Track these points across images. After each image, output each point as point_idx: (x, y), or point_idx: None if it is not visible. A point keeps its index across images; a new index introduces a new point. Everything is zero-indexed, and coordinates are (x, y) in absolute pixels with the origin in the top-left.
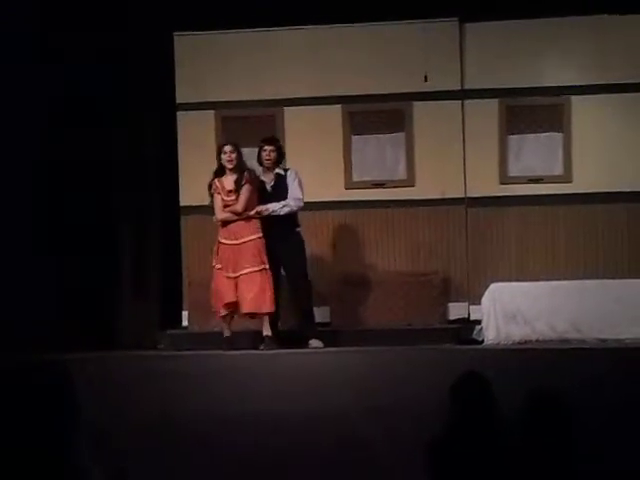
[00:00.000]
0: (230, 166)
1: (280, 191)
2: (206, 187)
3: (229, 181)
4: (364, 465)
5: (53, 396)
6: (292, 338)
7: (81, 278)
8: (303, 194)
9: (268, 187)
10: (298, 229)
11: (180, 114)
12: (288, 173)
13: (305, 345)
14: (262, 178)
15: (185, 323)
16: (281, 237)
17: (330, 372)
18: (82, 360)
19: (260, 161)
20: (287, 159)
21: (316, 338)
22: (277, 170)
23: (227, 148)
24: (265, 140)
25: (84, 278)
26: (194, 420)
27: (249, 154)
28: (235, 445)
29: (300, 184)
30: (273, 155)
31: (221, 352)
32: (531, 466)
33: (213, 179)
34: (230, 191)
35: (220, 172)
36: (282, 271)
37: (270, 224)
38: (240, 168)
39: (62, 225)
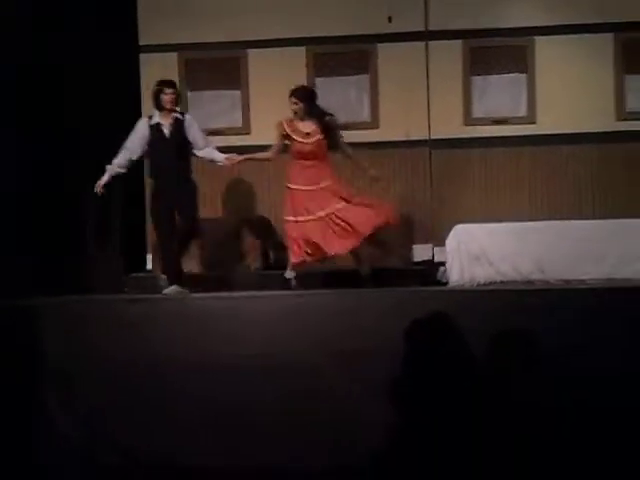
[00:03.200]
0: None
1: (177, 136)
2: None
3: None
4: (330, 407)
5: (19, 341)
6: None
7: (45, 222)
8: None
9: (166, 131)
10: (191, 174)
11: (143, 56)
12: (186, 118)
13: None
14: (159, 121)
15: (149, 266)
16: (176, 182)
17: (294, 315)
18: (47, 305)
19: (159, 104)
20: (252, 101)
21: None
22: (176, 114)
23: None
24: (165, 82)
25: (48, 222)
26: (161, 364)
27: (211, 97)
28: (199, 389)
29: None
30: (174, 98)
31: (187, 295)
32: (495, 404)
33: None
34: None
35: None
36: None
37: (164, 168)
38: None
39: (27, 178)
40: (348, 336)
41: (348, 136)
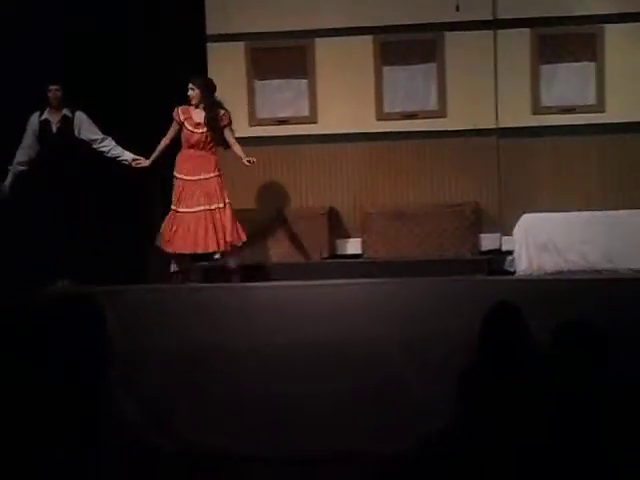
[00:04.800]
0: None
1: (65, 134)
2: (234, 118)
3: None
4: (396, 396)
5: (83, 328)
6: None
7: (112, 212)
8: None
9: (54, 128)
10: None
11: (210, 46)
12: (76, 115)
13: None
14: (47, 118)
15: (217, 256)
16: (62, 181)
17: (361, 304)
18: (113, 293)
19: (47, 101)
20: (318, 90)
21: None
22: (65, 112)
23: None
24: (51, 80)
25: (115, 212)
26: (224, 353)
27: (278, 86)
28: (261, 378)
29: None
30: (59, 95)
31: (252, 284)
32: (562, 394)
33: None
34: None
35: None
36: None
37: (50, 166)
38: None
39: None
40: (416, 324)
41: (415, 125)
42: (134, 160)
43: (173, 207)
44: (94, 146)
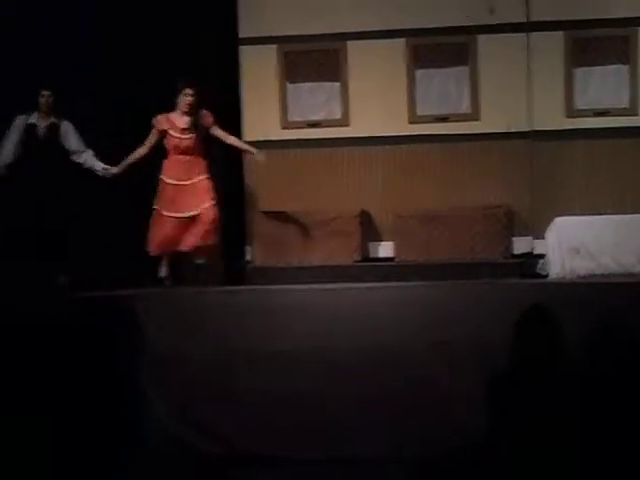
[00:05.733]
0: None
1: (52, 141)
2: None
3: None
4: (428, 399)
5: (119, 330)
6: None
7: (143, 216)
8: None
9: (40, 134)
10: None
11: (242, 49)
12: (63, 124)
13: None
14: (35, 122)
15: (248, 257)
16: (45, 187)
17: (394, 307)
18: (143, 296)
19: (37, 106)
20: (351, 93)
21: None
22: (53, 119)
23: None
24: (42, 85)
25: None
26: (258, 355)
27: (310, 89)
28: (296, 380)
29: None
30: (50, 101)
31: (285, 287)
32: (596, 399)
33: None
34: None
35: None
36: None
37: (34, 171)
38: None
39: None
40: (447, 327)
41: (447, 128)
42: (103, 169)
43: (160, 211)
44: (72, 157)
